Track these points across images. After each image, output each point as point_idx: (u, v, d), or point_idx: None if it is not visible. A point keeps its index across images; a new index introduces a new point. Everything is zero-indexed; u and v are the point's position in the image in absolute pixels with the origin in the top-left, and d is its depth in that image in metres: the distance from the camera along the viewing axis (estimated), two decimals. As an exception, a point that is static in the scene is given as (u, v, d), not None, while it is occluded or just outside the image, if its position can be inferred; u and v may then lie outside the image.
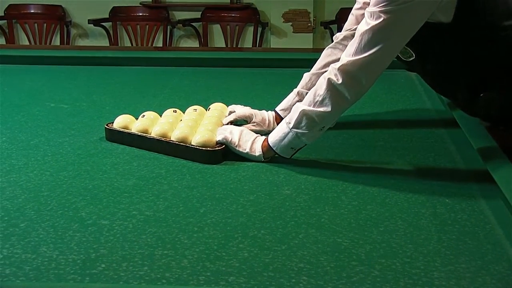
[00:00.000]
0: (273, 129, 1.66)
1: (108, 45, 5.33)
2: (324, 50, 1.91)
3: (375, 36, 1.46)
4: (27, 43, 5.50)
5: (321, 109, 1.52)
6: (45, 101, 2.27)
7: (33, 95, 2.37)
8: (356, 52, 1.49)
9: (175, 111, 1.86)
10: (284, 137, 1.56)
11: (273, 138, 1.58)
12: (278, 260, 1.15)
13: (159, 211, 1.36)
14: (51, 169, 1.61)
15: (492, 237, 1.25)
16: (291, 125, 1.54)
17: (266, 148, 1.59)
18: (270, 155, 1.60)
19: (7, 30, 5.56)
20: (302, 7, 5.25)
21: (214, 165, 1.63)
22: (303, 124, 1.53)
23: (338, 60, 1.56)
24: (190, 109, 1.89)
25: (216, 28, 5.42)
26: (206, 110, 1.93)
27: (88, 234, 1.26)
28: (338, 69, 1.50)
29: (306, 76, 1.89)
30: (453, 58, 1.63)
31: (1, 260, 1.16)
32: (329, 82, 1.51)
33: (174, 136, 1.69)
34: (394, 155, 1.73)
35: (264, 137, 1.63)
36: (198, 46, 5.37)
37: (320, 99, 1.52)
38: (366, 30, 1.47)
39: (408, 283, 1.08)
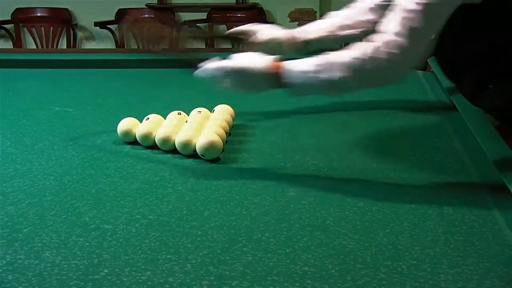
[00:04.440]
0: None
1: (114, 47, 5.34)
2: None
3: (416, 18, 1.41)
4: (34, 46, 5.52)
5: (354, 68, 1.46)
6: (50, 105, 2.27)
7: (39, 99, 2.38)
8: (400, 33, 1.42)
9: (180, 114, 1.86)
10: (307, 69, 1.50)
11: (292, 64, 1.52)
12: (283, 264, 1.14)
13: (163, 215, 1.36)
14: (55, 173, 1.61)
15: (500, 238, 1.23)
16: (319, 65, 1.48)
17: (280, 66, 1.53)
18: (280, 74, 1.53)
19: (14, 34, 5.57)
20: (308, 6, 5.24)
21: (219, 168, 1.63)
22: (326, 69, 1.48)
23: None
24: (194, 111, 1.89)
25: (223, 29, 5.43)
26: (211, 112, 1.92)
27: (91, 239, 1.25)
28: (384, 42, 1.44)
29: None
30: (474, 42, 1.60)
31: (4, 266, 1.15)
32: (375, 49, 1.44)
33: (178, 139, 1.68)
34: (400, 155, 1.73)
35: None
36: (204, 47, 5.37)
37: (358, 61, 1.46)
38: (408, 10, 1.42)
39: (414, 286, 1.06)
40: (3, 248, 1.22)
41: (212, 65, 1.59)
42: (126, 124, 1.80)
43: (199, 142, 1.64)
